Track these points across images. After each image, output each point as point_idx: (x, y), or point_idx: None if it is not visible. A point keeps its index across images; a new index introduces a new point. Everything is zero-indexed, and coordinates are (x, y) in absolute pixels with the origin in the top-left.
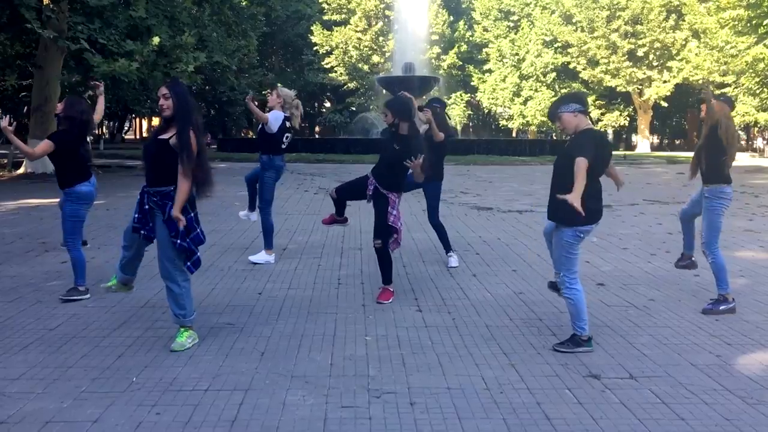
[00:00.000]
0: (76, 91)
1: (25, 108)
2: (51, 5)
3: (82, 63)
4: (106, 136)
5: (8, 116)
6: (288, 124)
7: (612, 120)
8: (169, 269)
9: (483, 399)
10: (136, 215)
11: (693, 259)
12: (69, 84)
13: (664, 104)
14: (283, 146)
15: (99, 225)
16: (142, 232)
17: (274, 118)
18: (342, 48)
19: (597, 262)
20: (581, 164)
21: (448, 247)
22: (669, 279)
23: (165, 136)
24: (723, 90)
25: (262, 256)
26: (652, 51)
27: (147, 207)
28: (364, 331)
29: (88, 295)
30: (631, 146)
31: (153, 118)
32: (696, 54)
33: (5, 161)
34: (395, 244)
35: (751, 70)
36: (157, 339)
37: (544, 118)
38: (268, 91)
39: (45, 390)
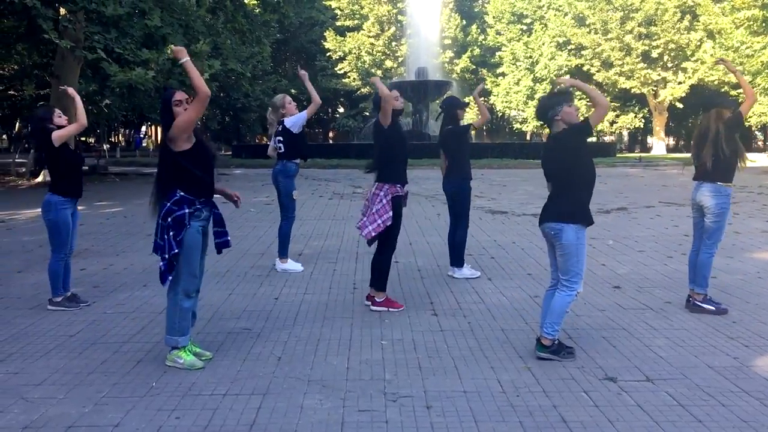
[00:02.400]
0: (92, 100)
1: None
2: (68, 16)
3: (98, 72)
4: (123, 144)
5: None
6: (279, 127)
7: (627, 122)
8: None
9: (499, 402)
10: (222, 229)
11: None
12: (86, 93)
13: (680, 106)
14: (280, 151)
15: (119, 232)
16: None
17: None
18: (355, 53)
19: (613, 265)
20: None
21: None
22: (685, 281)
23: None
24: (738, 91)
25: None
26: (667, 52)
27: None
28: (380, 335)
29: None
30: (646, 148)
31: None
32: (711, 55)
33: (23, 170)
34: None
35: (766, 71)
36: None
37: None
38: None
39: (67, 395)
